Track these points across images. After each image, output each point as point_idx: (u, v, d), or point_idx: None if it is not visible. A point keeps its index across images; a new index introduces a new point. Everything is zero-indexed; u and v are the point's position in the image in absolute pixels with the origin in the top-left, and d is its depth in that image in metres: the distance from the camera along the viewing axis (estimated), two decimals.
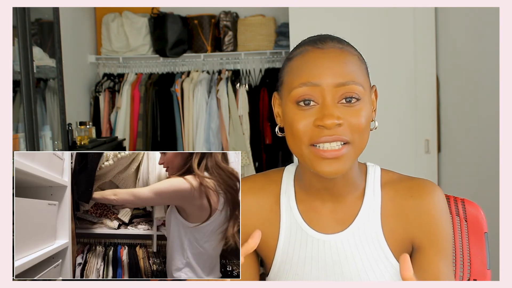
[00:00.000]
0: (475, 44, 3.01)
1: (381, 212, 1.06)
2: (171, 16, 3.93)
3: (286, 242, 1.09)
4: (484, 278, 1.22)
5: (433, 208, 1.05)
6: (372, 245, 1.06)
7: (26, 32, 2.42)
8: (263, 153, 3.94)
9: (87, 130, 3.32)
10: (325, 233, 1.07)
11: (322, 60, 0.98)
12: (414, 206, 1.05)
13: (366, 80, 1.02)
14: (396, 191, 1.07)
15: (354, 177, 1.06)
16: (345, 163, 0.98)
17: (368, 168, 1.10)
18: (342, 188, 1.05)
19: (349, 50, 1.02)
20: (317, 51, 1.00)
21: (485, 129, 2.92)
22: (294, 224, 1.09)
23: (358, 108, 0.97)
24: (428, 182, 1.07)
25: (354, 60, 1.00)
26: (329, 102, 0.96)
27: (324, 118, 0.95)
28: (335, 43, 1.01)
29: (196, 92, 3.88)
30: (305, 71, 0.98)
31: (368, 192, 1.07)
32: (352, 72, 0.98)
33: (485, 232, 1.23)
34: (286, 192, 1.11)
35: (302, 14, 3.34)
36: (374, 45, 3.26)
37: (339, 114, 0.96)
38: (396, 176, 1.10)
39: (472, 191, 2.97)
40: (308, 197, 1.08)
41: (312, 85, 0.97)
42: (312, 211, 1.08)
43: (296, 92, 0.98)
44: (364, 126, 0.98)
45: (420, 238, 1.05)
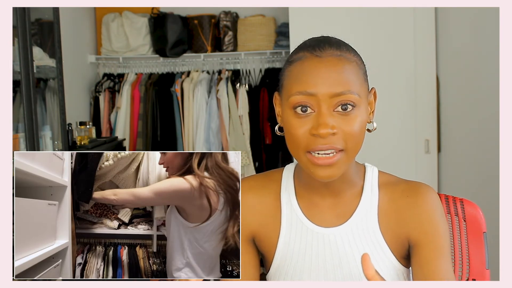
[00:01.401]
0: (475, 44, 3.01)
1: (378, 210, 1.10)
2: (171, 16, 3.93)
3: (287, 236, 1.12)
4: (483, 278, 1.23)
5: (428, 207, 1.08)
6: (370, 240, 1.08)
7: (26, 32, 2.42)
8: (263, 153, 3.94)
9: (87, 130, 3.32)
10: (324, 227, 1.10)
11: (318, 70, 1.01)
12: (410, 205, 1.08)
13: (362, 87, 1.04)
14: (392, 192, 1.10)
15: (351, 175, 1.10)
16: (339, 168, 1.02)
17: (366, 168, 1.14)
18: (339, 185, 1.09)
19: (347, 56, 1.03)
20: (315, 60, 1.02)
21: (485, 129, 2.92)
22: (294, 219, 1.12)
23: (353, 116, 1.01)
24: (422, 184, 1.11)
25: (351, 67, 1.03)
26: (325, 111, 0.99)
27: (319, 127, 0.99)
28: (333, 50, 1.03)
29: (196, 92, 3.88)
30: (302, 80, 1.01)
31: (366, 190, 1.11)
32: (348, 81, 1.01)
33: (484, 232, 1.23)
34: (286, 189, 1.14)
35: (302, 14, 3.34)
36: (374, 45, 3.26)
37: (333, 123, 0.99)
38: (393, 178, 1.14)
39: (472, 191, 2.97)
40: (307, 193, 1.12)
41: (308, 94, 1.00)
42: (312, 206, 1.11)
43: (293, 99, 1.01)
44: (358, 134, 1.01)
45: (417, 235, 1.07)
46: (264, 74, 3.98)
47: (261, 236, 1.14)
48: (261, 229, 1.13)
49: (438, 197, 1.10)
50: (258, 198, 1.14)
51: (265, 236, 1.13)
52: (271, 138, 3.89)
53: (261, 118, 3.92)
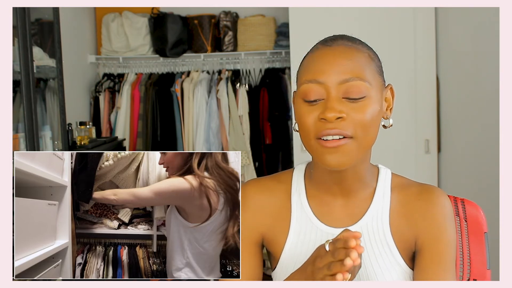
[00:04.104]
0: (475, 44, 3.01)
1: (390, 213, 1.09)
2: (171, 16, 3.93)
3: (295, 236, 1.11)
4: (484, 278, 1.22)
5: (439, 212, 1.07)
6: (380, 243, 1.08)
7: (26, 32, 2.42)
8: (263, 153, 3.94)
9: (87, 130, 3.31)
10: (334, 227, 1.09)
11: (327, 58, 1.01)
12: (421, 208, 1.08)
13: (375, 77, 1.03)
14: (405, 195, 1.10)
15: (364, 175, 1.09)
16: (347, 155, 0.99)
17: (380, 170, 1.13)
18: (351, 184, 1.08)
19: (358, 47, 1.04)
20: (325, 49, 1.03)
21: (485, 129, 2.92)
22: (304, 218, 1.11)
23: (362, 104, 1.00)
24: (436, 188, 1.10)
25: (361, 57, 1.03)
26: (333, 97, 0.99)
27: (326, 111, 0.98)
28: (345, 41, 1.05)
29: (196, 92, 3.88)
30: (311, 68, 1.02)
31: (378, 192, 1.10)
32: (357, 69, 1.00)
33: (485, 232, 1.23)
34: (297, 189, 1.13)
35: (302, 14, 3.34)
36: (374, 45, 3.21)
37: (342, 108, 0.99)
38: (406, 181, 1.13)
39: (472, 191, 2.97)
40: (318, 192, 1.11)
41: (317, 82, 1.00)
42: (323, 205, 1.11)
43: (303, 88, 1.02)
44: (368, 122, 1.00)
45: (422, 239, 1.06)
46: (264, 74, 3.98)
47: (270, 236, 1.13)
48: (271, 229, 1.13)
49: (449, 203, 1.09)
50: (268, 199, 1.13)
51: (274, 236, 1.12)
52: (271, 138, 3.89)
53: (261, 118, 3.92)
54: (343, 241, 0.90)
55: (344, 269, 0.88)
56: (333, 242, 0.92)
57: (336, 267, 0.89)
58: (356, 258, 0.87)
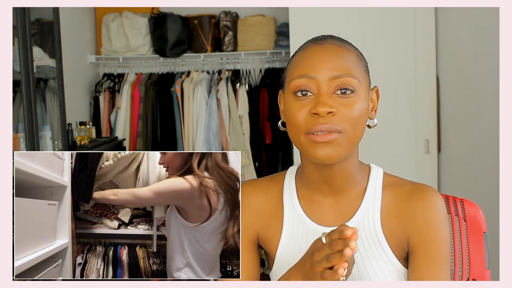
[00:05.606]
0: (475, 44, 3.01)
1: (381, 212, 1.09)
2: (171, 16, 3.93)
3: (288, 235, 1.12)
4: (483, 278, 1.23)
5: (431, 212, 1.06)
6: (372, 241, 1.08)
7: (26, 32, 2.42)
8: (263, 153, 3.94)
9: (87, 130, 3.32)
10: (325, 226, 1.10)
11: (319, 55, 1.04)
12: (413, 207, 1.07)
13: (363, 76, 1.06)
14: (397, 194, 1.10)
15: (354, 174, 1.09)
16: (337, 149, 1.01)
17: (371, 169, 1.14)
18: (341, 182, 1.09)
19: (348, 47, 1.07)
20: (316, 47, 1.06)
21: (485, 129, 2.92)
22: (296, 218, 1.12)
23: (352, 100, 1.02)
24: (429, 187, 1.10)
25: (351, 56, 1.05)
26: (324, 92, 1.01)
27: (318, 106, 1.00)
28: (334, 40, 1.07)
29: (196, 92, 3.88)
30: (303, 64, 1.04)
31: (369, 191, 1.10)
32: (347, 66, 1.03)
33: (484, 232, 1.23)
34: (288, 189, 1.15)
35: (302, 14, 3.34)
36: (374, 45, 3.26)
37: (332, 103, 1.01)
38: (398, 180, 1.13)
39: (472, 191, 2.97)
40: (309, 192, 1.12)
41: (308, 78, 1.02)
42: (314, 205, 1.12)
43: (294, 83, 1.04)
44: (356, 118, 1.02)
45: (414, 239, 1.06)
46: (264, 74, 3.98)
47: (264, 236, 1.14)
48: (265, 229, 1.14)
49: (442, 202, 1.08)
50: (262, 199, 1.15)
51: (268, 236, 1.14)
52: (271, 138, 3.89)
53: (261, 118, 3.92)
54: (338, 231, 0.90)
55: (343, 259, 0.88)
56: (329, 234, 0.93)
57: (335, 258, 0.89)
58: (354, 247, 0.87)
